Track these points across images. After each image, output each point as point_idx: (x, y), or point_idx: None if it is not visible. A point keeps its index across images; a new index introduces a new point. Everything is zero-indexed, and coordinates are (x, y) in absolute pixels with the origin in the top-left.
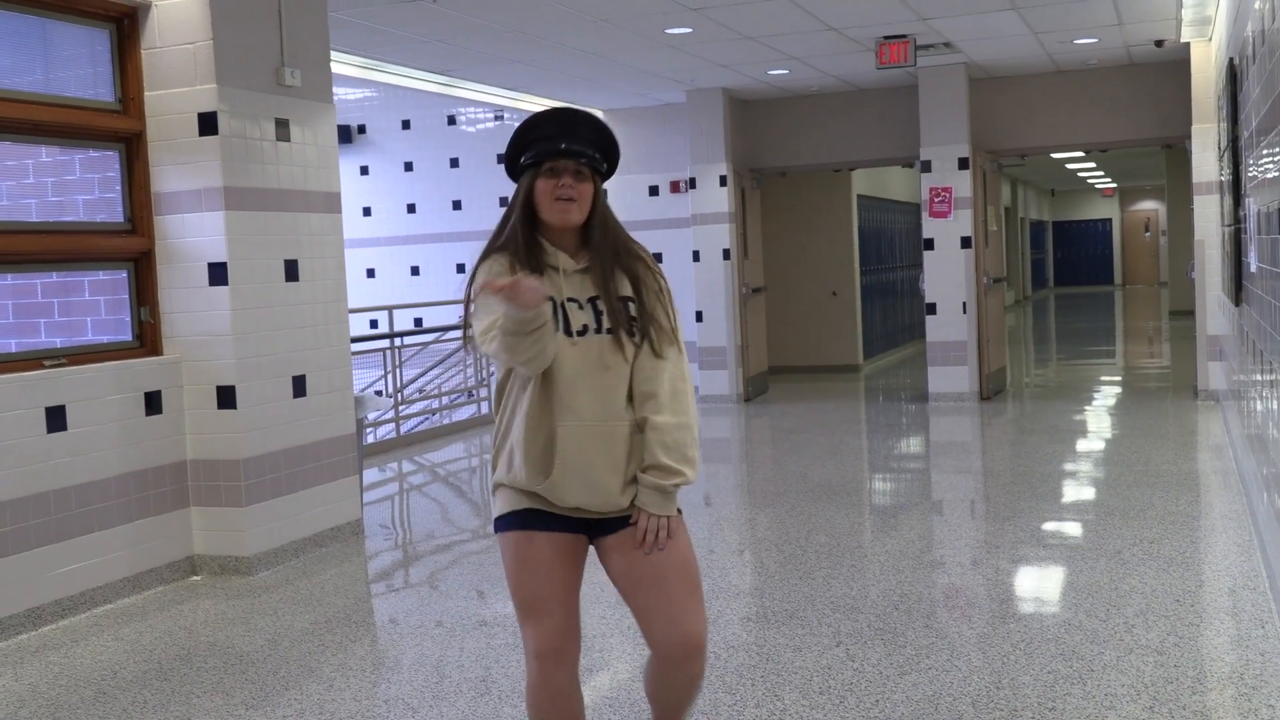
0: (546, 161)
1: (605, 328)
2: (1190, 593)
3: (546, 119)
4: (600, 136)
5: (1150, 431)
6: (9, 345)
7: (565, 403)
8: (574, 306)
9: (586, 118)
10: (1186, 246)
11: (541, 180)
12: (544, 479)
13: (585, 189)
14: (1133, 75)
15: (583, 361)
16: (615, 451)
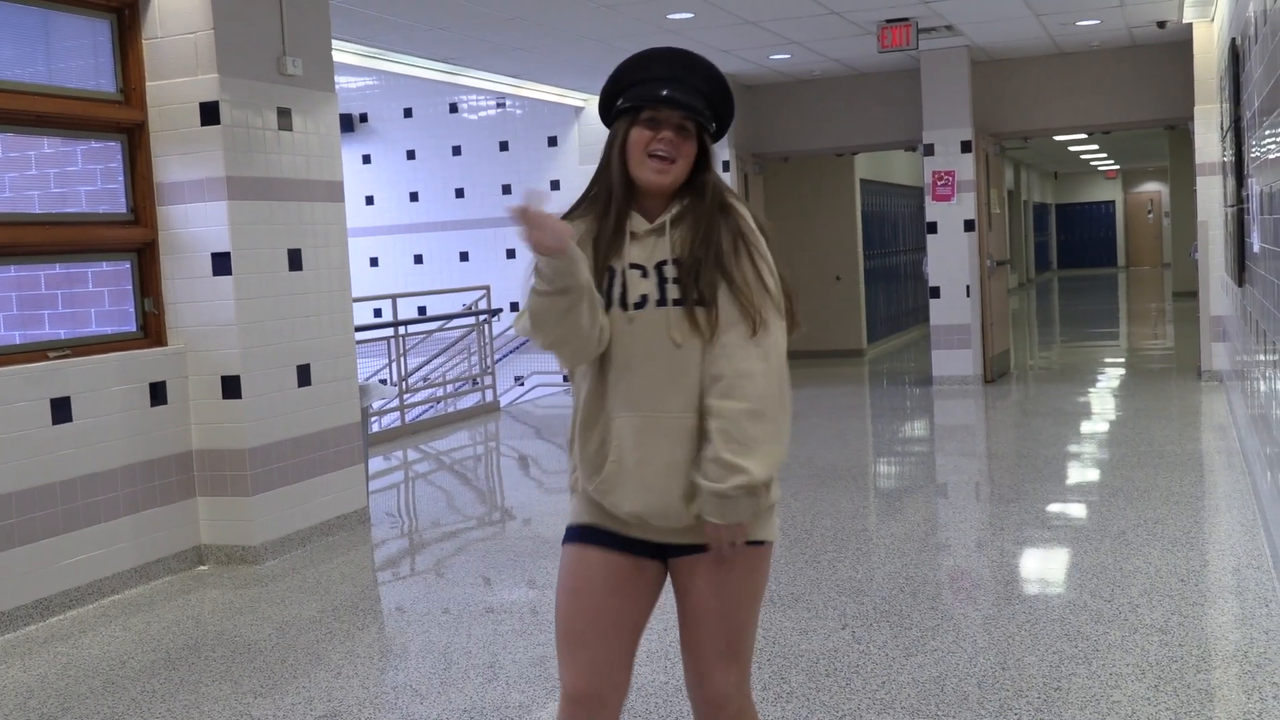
0: (646, 109)
1: (672, 298)
2: (1194, 572)
3: (655, 58)
4: (715, 88)
5: (1154, 412)
6: (13, 337)
7: (620, 390)
8: (636, 275)
9: (703, 64)
10: (1189, 228)
11: (637, 130)
12: (597, 478)
13: (688, 148)
14: (1135, 57)
15: (641, 340)
16: (678, 449)
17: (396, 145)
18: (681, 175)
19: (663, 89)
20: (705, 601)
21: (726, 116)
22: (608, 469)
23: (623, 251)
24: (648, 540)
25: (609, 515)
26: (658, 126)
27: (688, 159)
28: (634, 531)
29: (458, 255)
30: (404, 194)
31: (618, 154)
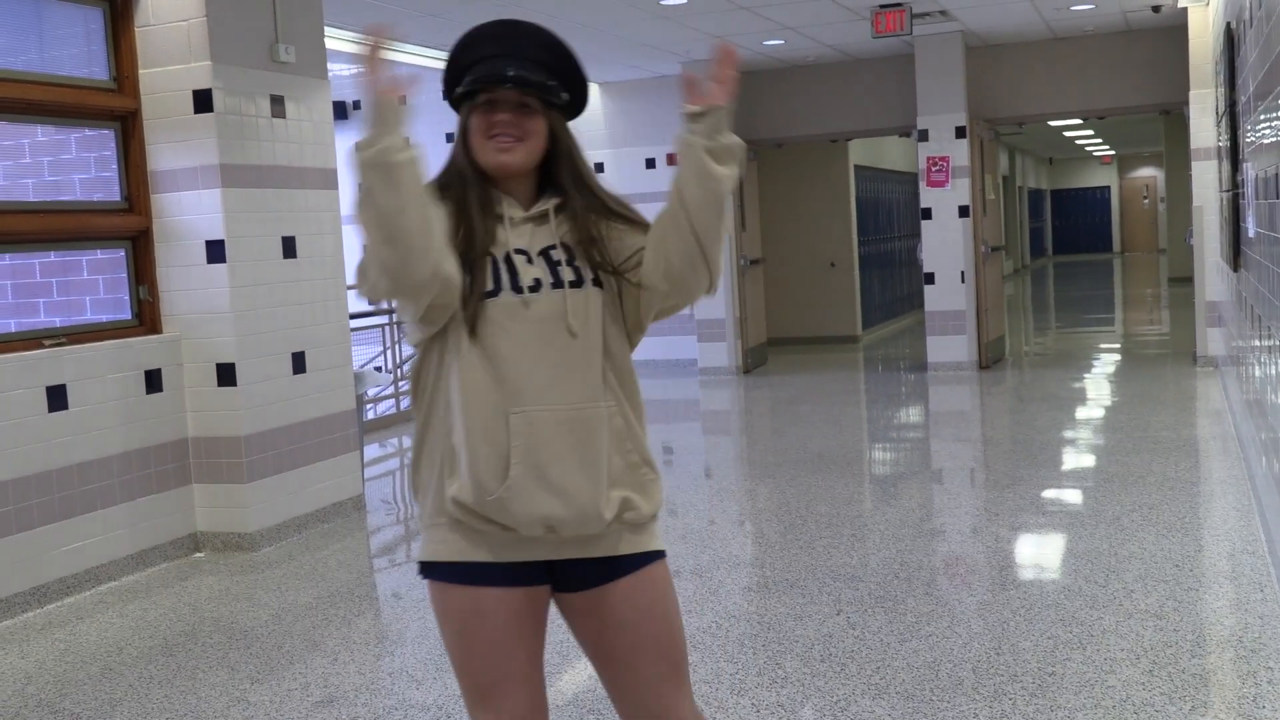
0: (481, 92)
1: (568, 280)
2: (1189, 557)
3: (482, 37)
4: (553, 55)
5: (1149, 398)
6: (8, 325)
7: (517, 383)
8: (521, 260)
9: (535, 31)
10: (1185, 213)
11: (476, 117)
12: (499, 485)
13: (533, 125)
14: (1130, 41)
15: (540, 327)
16: (592, 444)
17: None
18: (534, 153)
19: (498, 68)
20: (644, 626)
21: (578, 84)
22: (513, 473)
23: (500, 238)
24: (537, 561)
25: (490, 540)
26: (494, 108)
27: (537, 135)
28: (525, 552)
29: None
30: None
31: (459, 142)
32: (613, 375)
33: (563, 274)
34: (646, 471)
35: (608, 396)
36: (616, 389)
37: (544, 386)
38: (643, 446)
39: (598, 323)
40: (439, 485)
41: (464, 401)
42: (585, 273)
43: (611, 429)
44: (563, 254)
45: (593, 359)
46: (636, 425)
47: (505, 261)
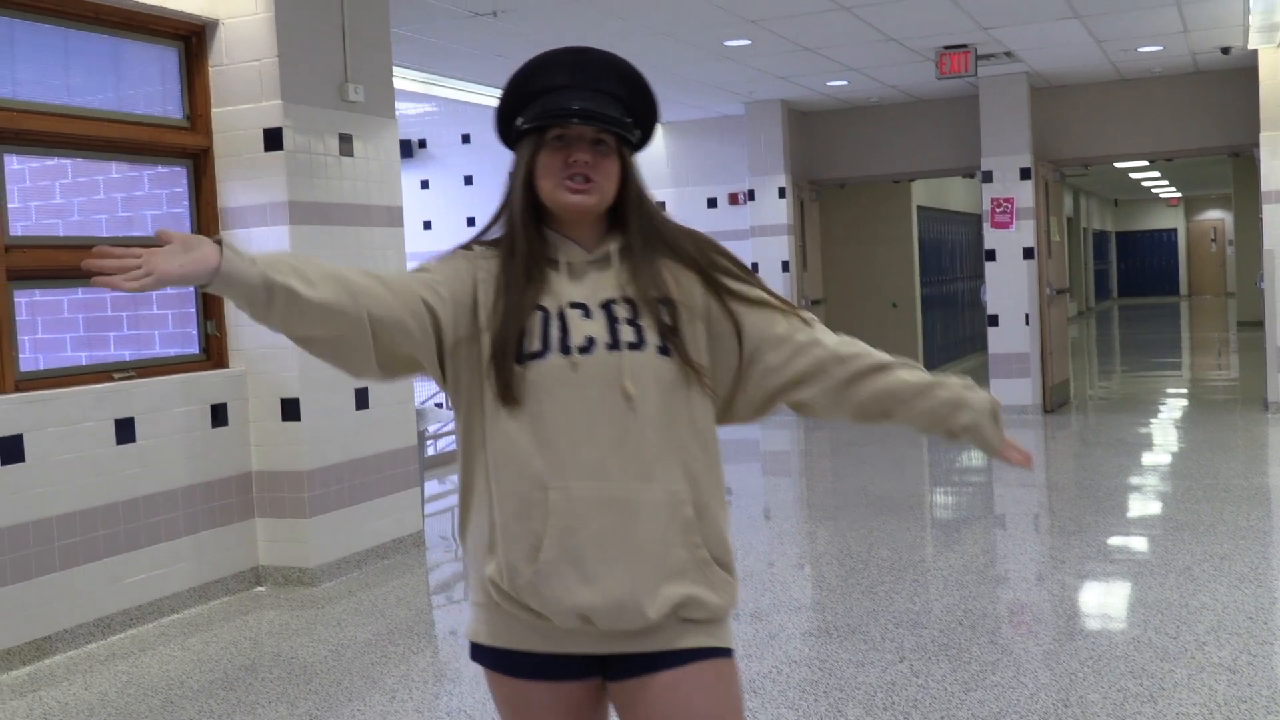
0: (553, 127)
1: (627, 341)
2: (1263, 610)
3: (554, 64)
4: (629, 88)
5: (1218, 444)
6: (79, 358)
7: (561, 454)
8: (577, 315)
9: (612, 63)
10: (1254, 256)
11: (546, 154)
12: (529, 568)
13: (608, 166)
14: (1198, 82)
15: (589, 391)
16: (638, 529)
17: (454, 170)
18: (609, 195)
19: (571, 100)
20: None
21: (649, 121)
22: (545, 555)
23: (554, 288)
24: (584, 654)
25: (534, 629)
26: (569, 146)
27: (611, 177)
28: (569, 644)
29: None
30: (461, 219)
31: (521, 184)
32: (683, 456)
33: (621, 333)
34: (719, 572)
35: (671, 478)
36: (689, 472)
37: (591, 460)
38: (718, 542)
39: (663, 392)
40: (480, 561)
41: (500, 472)
42: (649, 336)
43: (677, 518)
44: (625, 310)
45: (649, 433)
46: (713, 517)
47: (558, 316)
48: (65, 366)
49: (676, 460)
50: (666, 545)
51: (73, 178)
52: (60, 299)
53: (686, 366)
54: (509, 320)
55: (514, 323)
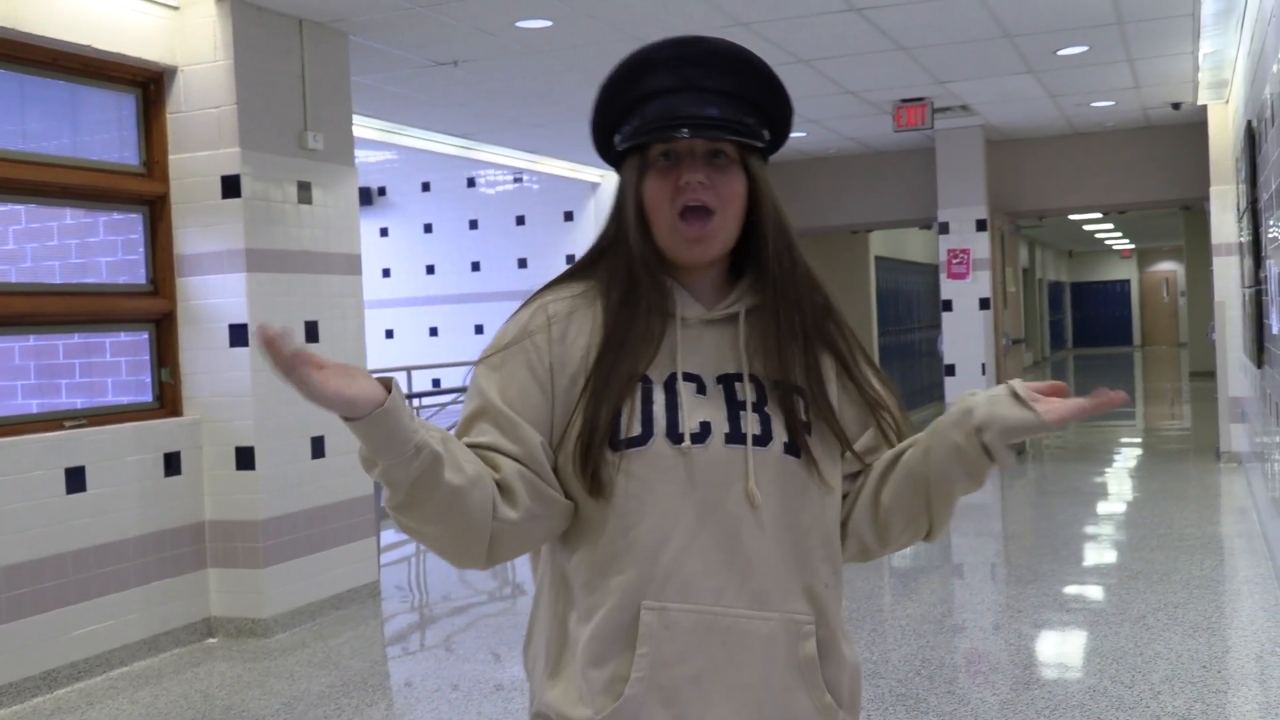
0: (656, 144)
1: (752, 433)
2: (1217, 658)
3: (654, 63)
4: (750, 81)
5: (1172, 494)
6: (30, 406)
7: (659, 565)
8: (689, 391)
9: (719, 52)
10: (1206, 307)
11: (653, 179)
12: (609, 704)
13: (732, 184)
14: (1150, 137)
15: (699, 492)
16: (754, 669)
17: (414, 218)
18: (733, 232)
19: (676, 108)
20: None
21: (782, 116)
22: (630, 690)
23: (665, 353)
24: None
25: None
26: (679, 166)
27: (735, 201)
28: None
29: (473, 328)
30: (420, 267)
31: (634, 215)
32: (808, 578)
33: (744, 422)
34: (842, 718)
35: (800, 605)
36: (814, 597)
37: (696, 576)
38: (846, 684)
39: (788, 499)
40: (541, 683)
41: (580, 580)
42: (777, 429)
43: (798, 655)
44: (751, 391)
45: (769, 548)
46: (841, 652)
47: (666, 389)
48: (14, 415)
49: (799, 583)
50: (784, 690)
51: (26, 223)
52: (12, 346)
53: (815, 473)
54: (608, 394)
55: (615, 398)
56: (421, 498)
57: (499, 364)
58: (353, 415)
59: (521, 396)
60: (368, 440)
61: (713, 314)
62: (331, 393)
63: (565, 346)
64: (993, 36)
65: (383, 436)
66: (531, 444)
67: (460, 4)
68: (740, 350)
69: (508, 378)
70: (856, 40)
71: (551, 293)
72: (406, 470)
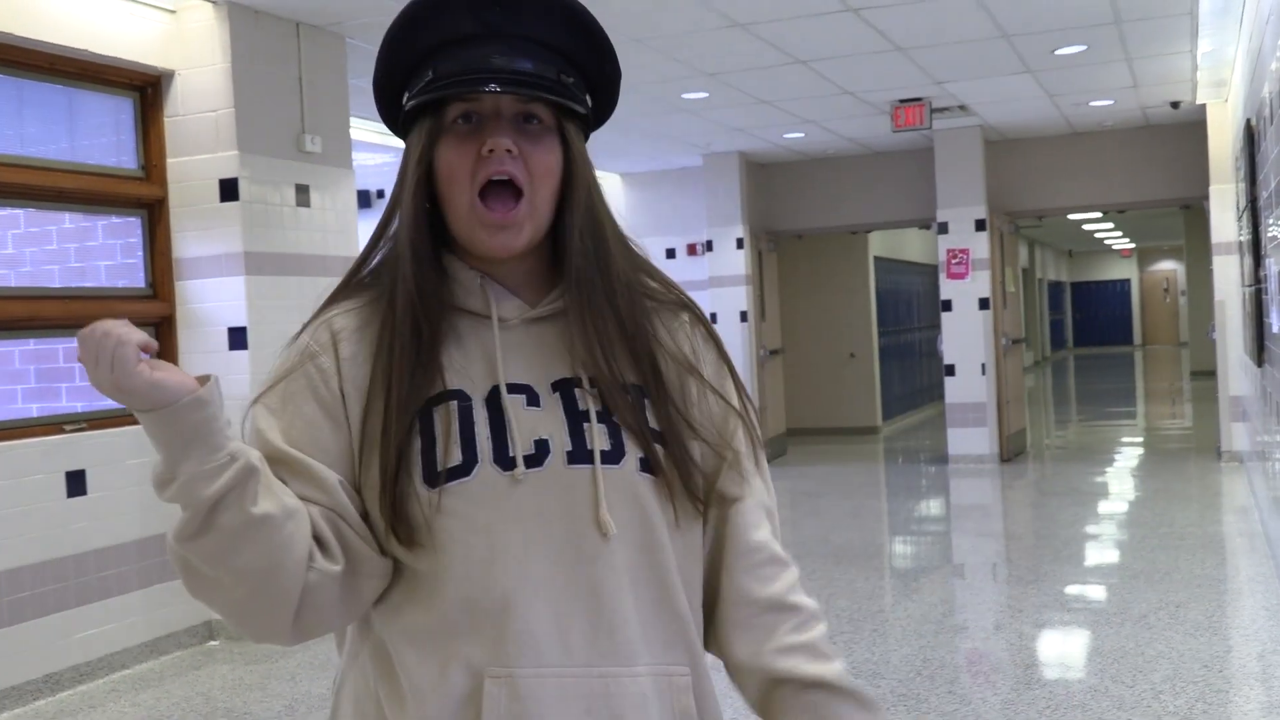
0: (454, 101)
1: (600, 449)
2: (1218, 658)
3: (454, 3)
4: (569, 29)
5: (1173, 493)
6: (30, 410)
7: (502, 625)
8: (518, 404)
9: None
10: (1206, 306)
11: (448, 146)
12: None
13: (544, 156)
14: (1149, 136)
15: (538, 526)
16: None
17: None
18: (546, 215)
19: (480, 57)
20: None
21: (606, 81)
22: None
23: (481, 362)
24: None
25: None
26: (481, 131)
27: (549, 178)
28: None
29: None
30: None
31: (414, 193)
32: (679, 623)
33: (590, 436)
34: None
35: (672, 658)
36: (689, 646)
37: (548, 635)
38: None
39: (648, 529)
40: None
41: (402, 651)
42: (629, 443)
43: (675, 712)
44: (592, 399)
45: (634, 589)
46: (711, 697)
47: (489, 405)
48: (15, 419)
49: (668, 628)
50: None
51: (25, 228)
52: (12, 350)
53: (683, 491)
54: (396, 416)
55: (403, 420)
56: (222, 524)
57: (278, 403)
58: (154, 404)
59: (310, 435)
60: (170, 438)
61: (538, 310)
62: (138, 380)
63: (357, 366)
64: (990, 36)
65: (189, 433)
66: (329, 484)
67: None
68: (573, 349)
69: (292, 416)
70: (854, 41)
71: (336, 306)
72: (211, 483)
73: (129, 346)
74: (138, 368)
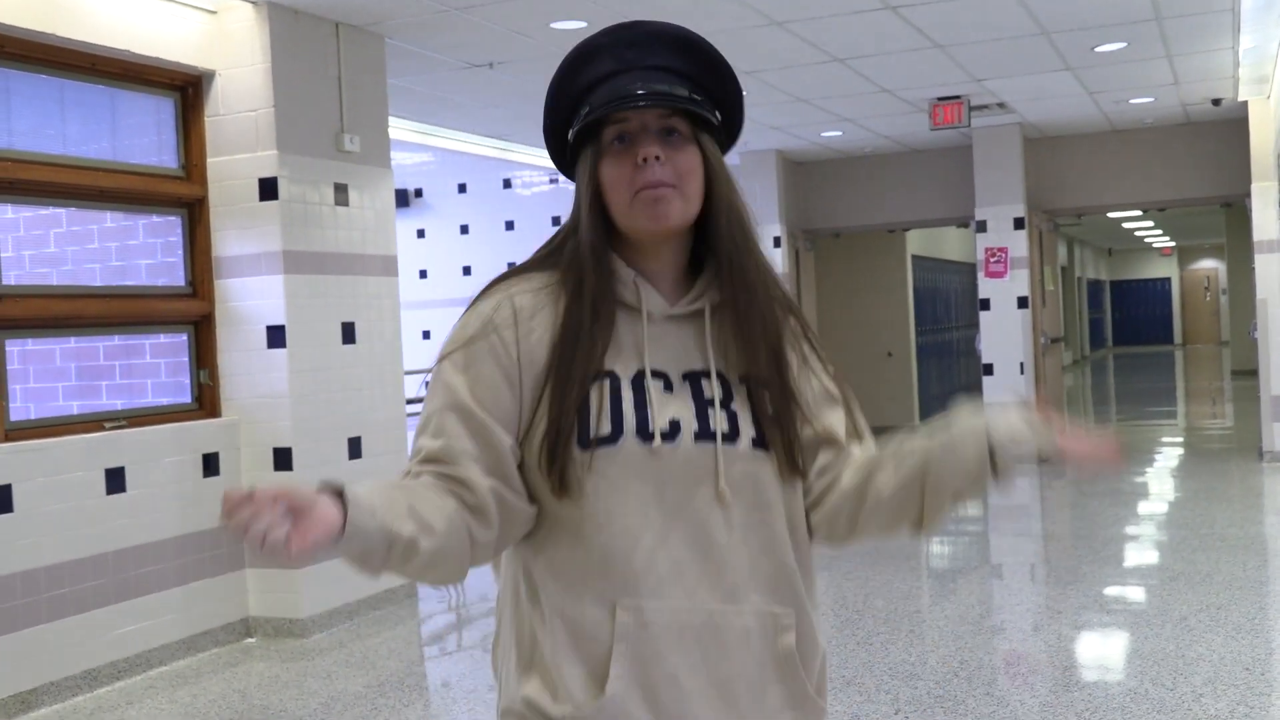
0: (609, 124)
1: (721, 431)
2: (1259, 661)
3: (591, 52)
4: (693, 59)
5: (1214, 494)
6: (71, 407)
7: (631, 565)
8: (658, 387)
9: (660, 33)
10: (1247, 305)
11: (609, 164)
12: (589, 701)
13: (686, 160)
14: (1190, 133)
15: (670, 489)
16: (730, 663)
17: (450, 220)
18: (695, 202)
19: (618, 87)
20: None
21: (731, 101)
22: (611, 689)
23: (625, 345)
24: None
25: None
26: (634, 143)
27: (693, 177)
28: None
29: None
30: (457, 268)
31: (588, 205)
32: (787, 572)
33: (712, 420)
34: (816, 702)
35: (776, 601)
36: (795, 592)
37: (669, 575)
38: (820, 673)
39: (758, 494)
40: (515, 679)
41: (553, 584)
42: (744, 425)
43: (779, 649)
44: (718, 388)
45: (741, 543)
46: (815, 642)
47: (634, 387)
48: (56, 416)
49: (772, 577)
50: (763, 685)
51: (67, 227)
52: (53, 348)
53: (788, 466)
54: (569, 388)
55: (577, 392)
56: (402, 569)
57: (464, 362)
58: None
59: (492, 395)
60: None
61: (676, 309)
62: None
63: (532, 343)
64: (1030, 33)
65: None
66: (502, 449)
67: (496, 6)
68: (707, 347)
69: (476, 376)
70: (892, 38)
71: (516, 284)
72: (384, 565)
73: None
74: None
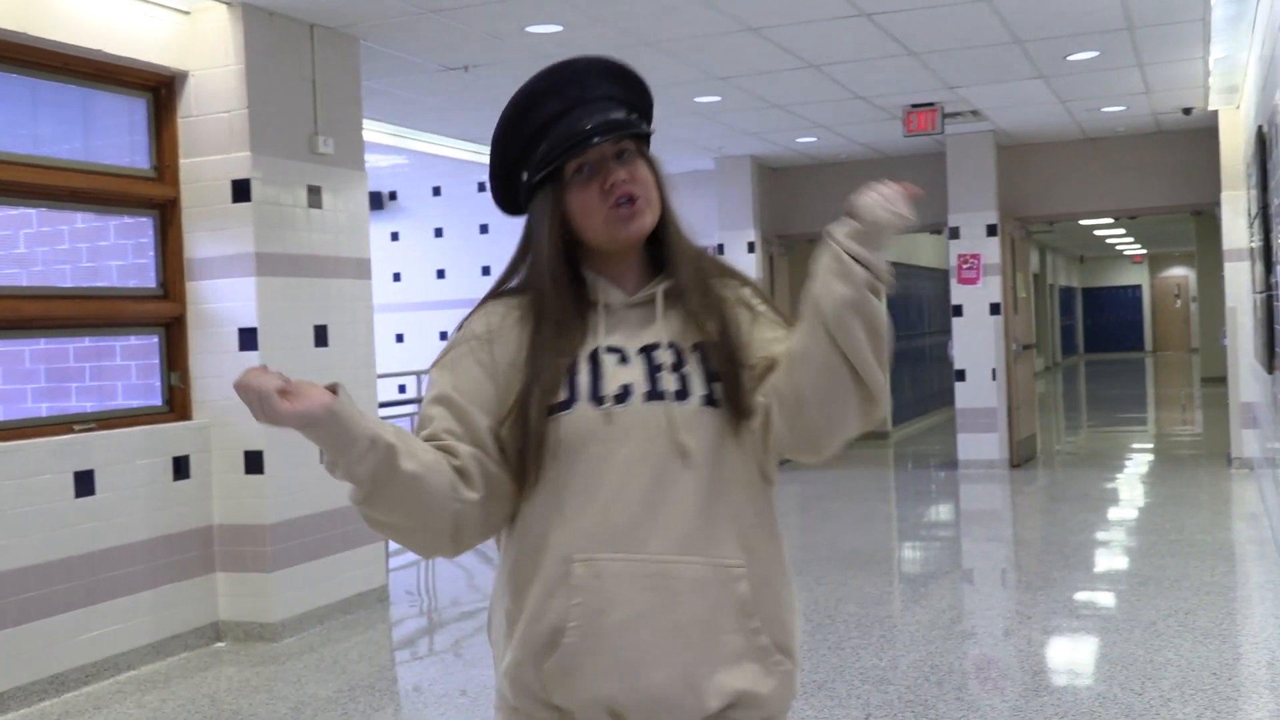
0: (570, 161)
1: (673, 390)
2: (1228, 665)
3: (535, 94)
4: (622, 84)
5: (1184, 500)
6: (40, 409)
7: (585, 521)
8: (612, 360)
9: (588, 67)
10: (1217, 312)
11: (576, 193)
12: (550, 656)
13: (642, 174)
14: (1161, 142)
15: (622, 448)
16: (682, 609)
17: (425, 223)
18: (658, 206)
19: (578, 122)
20: None
21: (648, 109)
22: (568, 639)
23: (589, 333)
24: None
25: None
26: (597, 174)
27: (650, 184)
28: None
29: None
30: (431, 271)
31: (549, 235)
32: (736, 522)
33: (663, 382)
34: (779, 660)
35: (727, 552)
36: (748, 543)
37: (624, 528)
38: (779, 624)
39: (711, 448)
40: (500, 650)
41: (519, 545)
42: (694, 384)
43: (729, 597)
44: (669, 355)
45: (696, 496)
46: (775, 594)
47: (589, 361)
48: (24, 418)
49: (725, 527)
50: (716, 630)
51: (37, 227)
52: (22, 349)
53: (737, 418)
54: (540, 374)
55: (548, 374)
56: (382, 488)
57: (451, 363)
58: (304, 425)
59: (473, 386)
60: (324, 443)
61: (635, 298)
62: (286, 414)
63: (506, 344)
64: (1003, 42)
65: (336, 436)
66: (481, 428)
67: (471, 9)
68: (660, 323)
69: (460, 373)
70: (866, 45)
71: (491, 305)
72: (364, 463)
73: (270, 396)
74: (281, 407)
